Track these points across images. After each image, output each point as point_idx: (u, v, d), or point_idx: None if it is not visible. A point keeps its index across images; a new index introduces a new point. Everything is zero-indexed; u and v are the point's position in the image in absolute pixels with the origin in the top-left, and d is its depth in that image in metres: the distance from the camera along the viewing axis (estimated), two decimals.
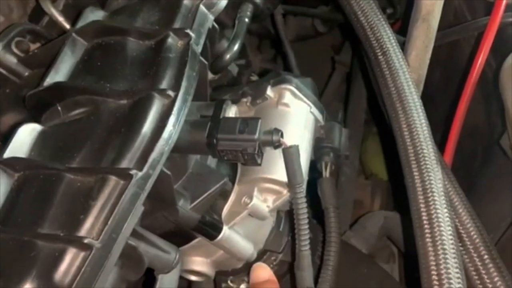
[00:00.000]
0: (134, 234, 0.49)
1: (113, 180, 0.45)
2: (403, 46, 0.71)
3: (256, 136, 0.51)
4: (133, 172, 0.45)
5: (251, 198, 0.59)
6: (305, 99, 0.66)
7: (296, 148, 0.52)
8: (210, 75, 0.74)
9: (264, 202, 0.60)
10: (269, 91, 0.66)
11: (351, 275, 0.81)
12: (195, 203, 0.55)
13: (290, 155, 0.51)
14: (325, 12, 1.14)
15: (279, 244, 0.65)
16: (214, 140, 0.52)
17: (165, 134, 0.47)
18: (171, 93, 0.50)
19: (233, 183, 0.61)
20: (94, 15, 0.61)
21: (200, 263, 0.63)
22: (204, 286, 0.69)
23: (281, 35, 0.99)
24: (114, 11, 0.61)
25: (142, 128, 0.48)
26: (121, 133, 0.48)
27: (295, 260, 0.59)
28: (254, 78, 0.94)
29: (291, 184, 0.54)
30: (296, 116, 0.64)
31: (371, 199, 1.34)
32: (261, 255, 0.67)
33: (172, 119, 0.48)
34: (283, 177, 0.57)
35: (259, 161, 0.52)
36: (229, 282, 0.69)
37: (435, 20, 0.67)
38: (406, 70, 0.63)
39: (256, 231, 0.64)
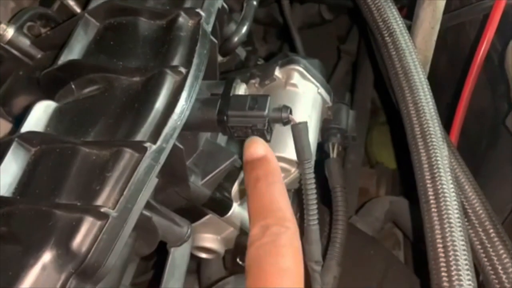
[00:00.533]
0: (148, 206, 0.50)
1: (128, 152, 0.46)
2: (410, 29, 0.72)
3: (266, 112, 0.52)
4: (147, 145, 0.46)
5: None
6: (313, 79, 0.67)
7: (305, 124, 0.53)
8: (219, 58, 0.76)
9: None
10: (277, 72, 0.67)
11: (357, 256, 0.82)
12: (206, 179, 0.57)
13: (298, 131, 0.52)
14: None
15: None
16: (225, 117, 0.53)
17: (178, 109, 0.49)
18: (182, 69, 0.51)
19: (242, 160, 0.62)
20: None
21: (210, 240, 0.64)
22: (213, 265, 0.71)
23: (288, 21, 1.00)
24: None
25: (155, 103, 0.49)
26: (134, 109, 0.49)
27: (303, 236, 0.60)
28: (261, 63, 0.95)
29: (299, 160, 0.55)
30: (304, 96, 0.66)
31: (376, 187, 1.35)
32: None
33: (184, 95, 0.50)
34: (292, 155, 0.59)
35: (268, 138, 0.53)
36: (238, 260, 0.70)
37: (441, 1, 0.67)
38: (413, 50, 0.64)
39: None
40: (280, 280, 0.34)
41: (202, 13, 0.56)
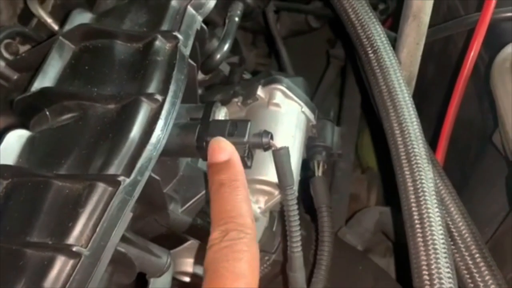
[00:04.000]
0: (124, 239, 0.49)
1: (101, 187, 0.45)
2: (394, 42, 0.71)
3: (246, 138, 0.51)
4: (121, 178, 0.45)
5: None
6: (296, 98, 0.66)
7: (286, 150, 0.52)
8: (201, 76, 0.74)
9: (256, 204, 0.60)
10: (260, 91, 0.65)
11: (346, 273, 0.81)
12: (186, 206, 0.55)
13: (280, 157, 0.51)
14: (318, 8, 1.13)
15: (271, 244, 0.65)
16: (204, 143, 0.52)
17: (153, 139, 0.47)
18: (158, 97, 0.49)
19: None
20: (81, 17, 0.60)
21: (193, 265, 0.63)
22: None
23: (273, 33, 0.99)
24: (102, 13, 0.61)
25: (129, 133, 0.48)
26: (108, 139, 0.48)
27: (287, 261, 0.59)
28: (247, 76, 0.94)
29: (281, 186, 0.54)
30: (287, 116, 0.64)
31: (367, 193, 1.34)
32: None
33: (160, 124, 0.48)
34: (274, 178, 0.57)
35: (249, 164, 0.52)
36: None
37: (426, 16, 0.66)
38: (397, 68, 0.63)
39: None
40: (234, 284, 0.34)
41: (180, 36, 0.54)
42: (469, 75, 0.67)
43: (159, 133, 0.48)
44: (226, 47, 0.70)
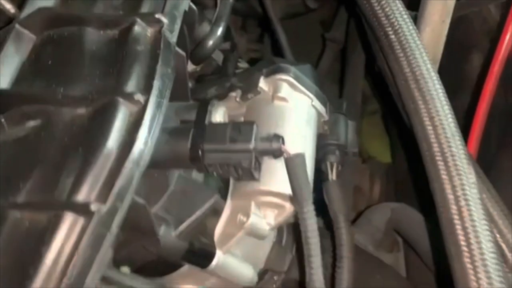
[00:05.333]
0: (105, 279, 0.39)
1: (70, 217, 0.35)
2: (415, 22, 0.61)
3: (252, 145, 0.41)
4: (94, 206, 0.34)
5: (247, 215, 0.49)
6: (305, 90, 0.56)
7: (301, 157, 0.42)
8: (191, 66, 0.64)
9: (264, 219, 0.50)
10: (262, 83, 0.55)
11: (363, 284, 0.72)
12: (180, 229, 0.45)
13: (294, 166, 0.41)
14: None
15: (282, 262, 0.56)
16: (200, 152, 0.42)
17: (134, 153, 0.37)
18: (140, 97, 0.39)
19: (225, 197, 0.51)
20: None
21: None
22: None
23: (270, 15, 0.88)
24: None
25: (104, 146, 0.37)
26: (78, 154, 0.38)
27: (303, 278, 0.50)
28: (242, 64, 0.83)
29: (297, 201, 0.44)
30: (296, 112, 0.54)
31: (370, 184, 1.25)
32: (262, 275, 0.57)
33: (142, 133, 0.38)
34: (286, 189, 0.48)
35: (256, 176, 0.42)
36: None
37: None
38: (424, 52, 0.53)
39: (256, 250, 0.55)
40: None
41: (164, 19, 0.44)
42: (505, 58, 0.57)
43: (142, 146, 0.38)
44: (219, 31, 0.59)
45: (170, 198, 0.47)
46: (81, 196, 0.35)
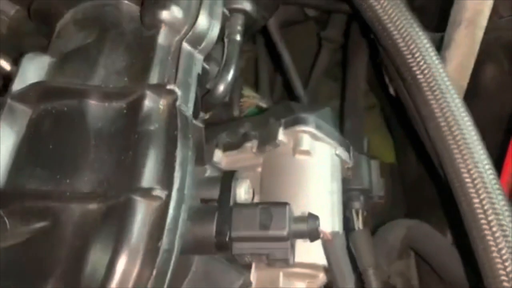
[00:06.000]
0: None
1: None
2: (440, 42, 0.56)
3: (286, 232, 0.36)
4: None
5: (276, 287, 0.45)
6: (328, 139, 0.51)
7: (340, 239, 0.38)
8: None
9: None
10: (282, 136, 0.50)
11: None
12: None
13: (334, 249, 0.37)
14: (323, 3, 0.97)
15: None
16: (227, 239, 0.38)
17: (160, 261, 0.33)
18: (160, 193, 0.34)
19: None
20: (36, 65, 0.43)
21: None
22: None
23: (280, 51, 0.84)
24: (64, 57, 0.44)
25: (123, 252, 0.33)
26: (92, 263, 0.33)
27: None
28: (247, 92, 0.79)
29: (337, 284, 0.40)
30: (320, 165, 0.50)
31: None
32: None
33: (167, 234, 0.33)
34: (319, 259, 0.44)
35: (291, 262, 0.38)
36: None
37: (483, 20, 0.52)
38: (455, 95, 0.49)
39: None
40: None
41: (177, 91, 0.39)
42: None
43: (166, 248, 0.33)
44: (230, 77, 0.54)
45: (193, 283, 0.43)
46: None
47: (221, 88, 0.54)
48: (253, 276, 0.46)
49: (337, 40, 1.27)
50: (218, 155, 0.55)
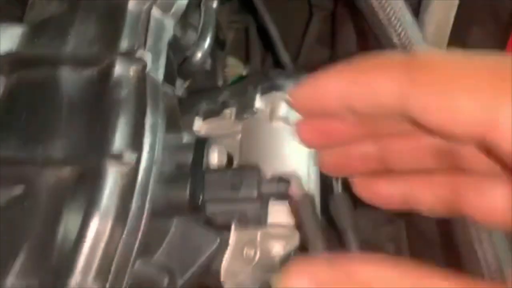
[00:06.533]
0: None
1: None
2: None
3: (256, 193, 0.38)
4: None
5: (255, 248, 0.46)
6: None
7: (309, 199, 0.39)
8: (178, 81, 0.59)
9: (272, 249, 0.48)
10: (259, 102, 0.51)
11: None
12: (185, 277, 0.43)
13: (303, 210, 0.38)
14: None
15: None
16: (199, 203, 0.39)
17: (130, 224, 0.34)
18: (130, 157, 0.35)
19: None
20: (9, 36, 0.44)
21: None
22: None
23: (263, 16, 0.83)
24: (37, 27, 0.45)
25: (94, 217, 0.34)
26: (65, 229, 0.34)
27: None
28: (231, 61, 0.79)
29: (308, 244, 0.41)
30: None
31: None
32: None
33: (137, 198, 0.34)
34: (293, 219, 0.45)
35: (263, 222, 0.39)
36: None
37: None
38: None
39: (267, 275, 0.52)
40: None
41: (147, 57, 0.39)
42: None
43: (137, 212, 0.34)
44: (206, 44, 0.54)
45: (171, 244, 0.44)
46: (75, 283, 0.32)
47: (198, 55, 0.54)
48: (233, 237, 0.48)
49: (328, 7, 1.25)
50: (198, 123, 0.56)
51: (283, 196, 0.38)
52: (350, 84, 0.23)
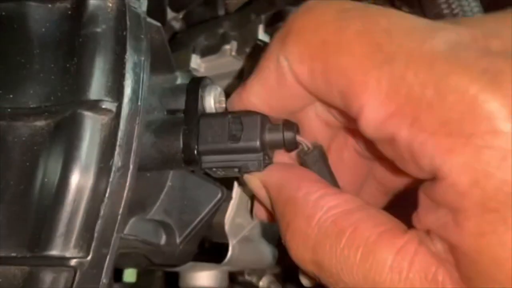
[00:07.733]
0: None
1: (48, 274, 0.28)
2: None
3: (258, 143, 0.32)
4: (75, 261, 0.28)
5: None
6: None
7: (319, 151, 0.34)
8: (172, 14, 0.53)
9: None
10: (262, 34, 0.45)
11: None
12: (184, 234, 0.39)
13: (313, 163, 0.33)
14: None
15: None
16: (195, 154, 0.34)
17: (114, 182, 0.29)
18: (109, 105, 0.30)
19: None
20: None
21: (207, 278, 0.49)
22: None
23: None
24: None
25: (72, 175, 0.29)
26: (42, 190, 0.30)
27: None
28: None
29: None
30: None
31: None
32: None
33: (119, 152, 0.30)
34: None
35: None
36: (246, 276, 0.56)
37: None
38: None
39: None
40: None
41: None
42: None
43: (120, 167, 0.30)
44: None
45: (168, 197, 0.40)
46: (54, 250, 0.28)
47: None
48: (236, 191, 0.44)
49: None
50: (196, 61, 0.50)
51: (290, 144, 0.33)
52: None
